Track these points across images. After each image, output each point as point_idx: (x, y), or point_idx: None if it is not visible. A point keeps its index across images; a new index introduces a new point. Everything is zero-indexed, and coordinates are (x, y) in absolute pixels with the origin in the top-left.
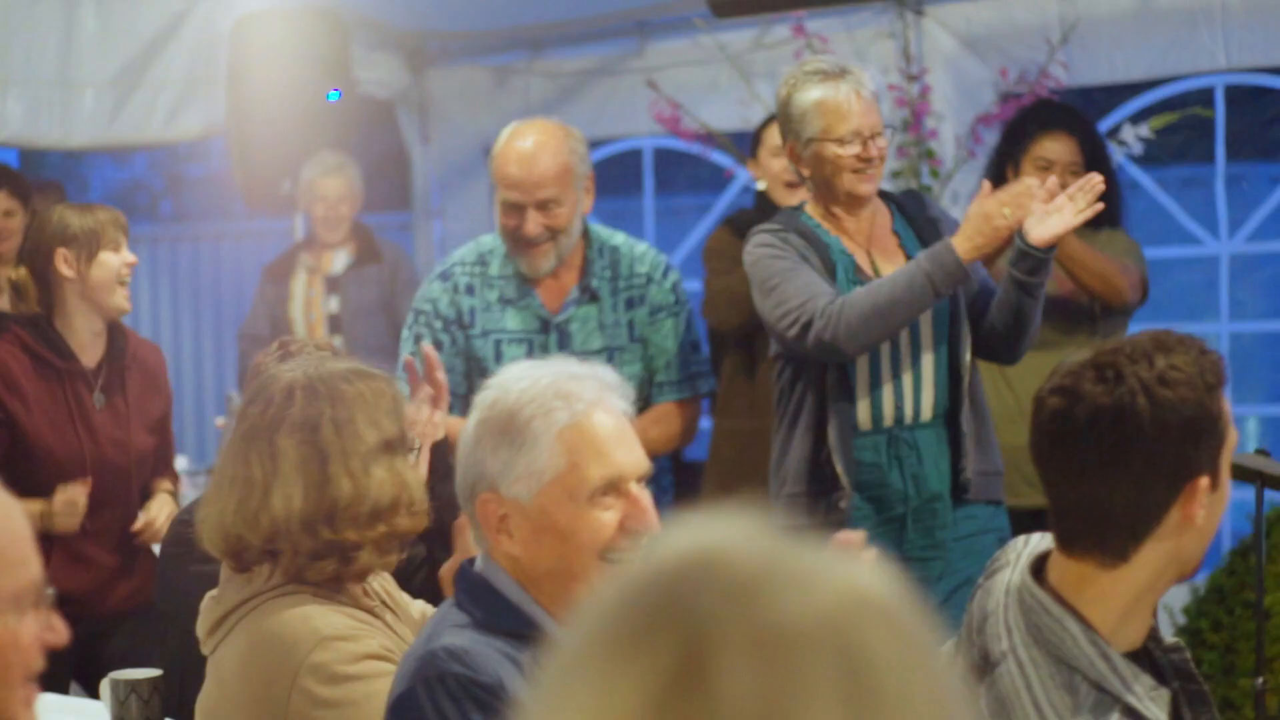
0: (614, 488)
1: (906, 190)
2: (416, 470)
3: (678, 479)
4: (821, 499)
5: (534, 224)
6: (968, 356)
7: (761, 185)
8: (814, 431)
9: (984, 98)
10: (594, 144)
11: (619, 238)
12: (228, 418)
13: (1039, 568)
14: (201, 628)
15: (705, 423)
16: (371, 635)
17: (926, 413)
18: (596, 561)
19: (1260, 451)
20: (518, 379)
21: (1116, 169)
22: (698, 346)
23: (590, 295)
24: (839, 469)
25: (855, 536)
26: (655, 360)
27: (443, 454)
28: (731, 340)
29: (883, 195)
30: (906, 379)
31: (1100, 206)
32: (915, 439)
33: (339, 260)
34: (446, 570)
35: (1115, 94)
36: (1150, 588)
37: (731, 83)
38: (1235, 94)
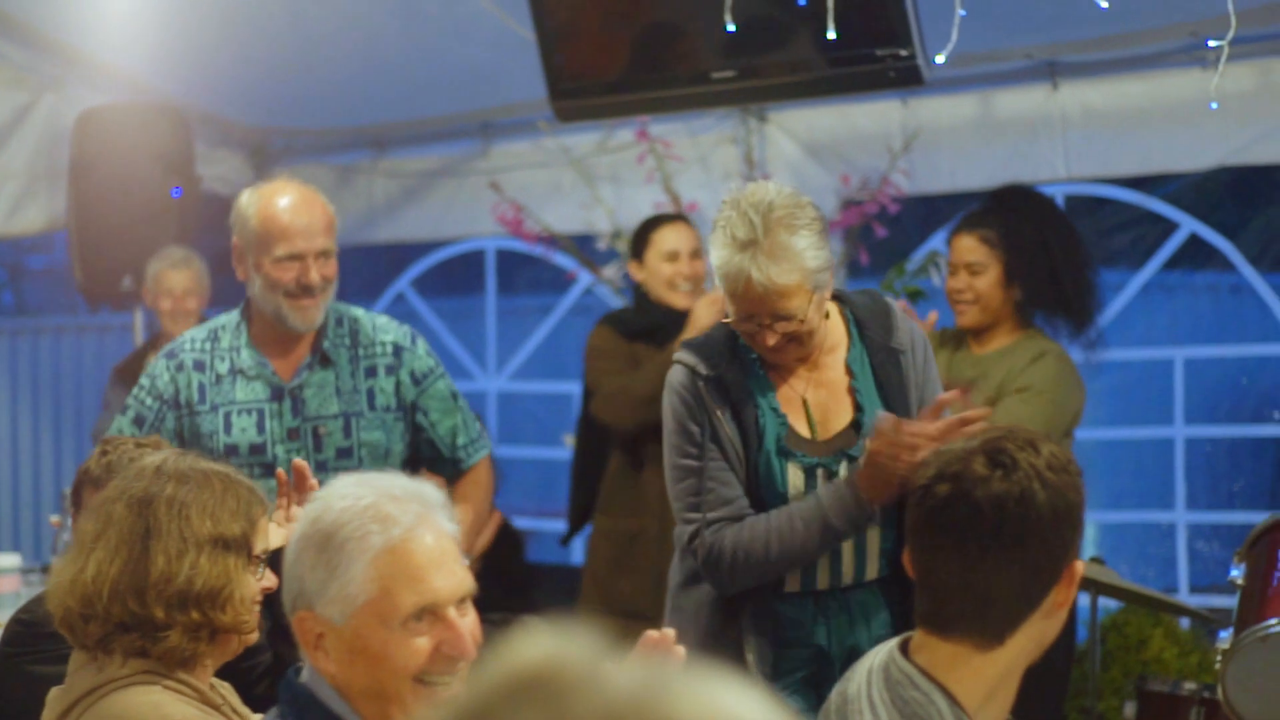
0: (429, 613)
1: (875, 307)
2: (249, 577)
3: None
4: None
5: (315, 272)
6: None
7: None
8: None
9: (826, 204)
10: (437, 244)
11: (358, 310)
12: (63, 515)
13: (904, 647)
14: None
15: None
16: None
17: (869, 576)
18: (411, 685)
19: (1095, 559)
20: (340, 496)
21: (1062, 264)
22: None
23: (323, 359)
24: (750, 660)
25: (666, 634)
26: (442, 424)
27: None
28: (618, 438)
29: (845, 304)
30: (847, 548)
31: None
32: (847, 600)
33: None
34: None
35: (956, 202)
36: (1014, 668)
37: (574, 186)
38: (1075, 204)
